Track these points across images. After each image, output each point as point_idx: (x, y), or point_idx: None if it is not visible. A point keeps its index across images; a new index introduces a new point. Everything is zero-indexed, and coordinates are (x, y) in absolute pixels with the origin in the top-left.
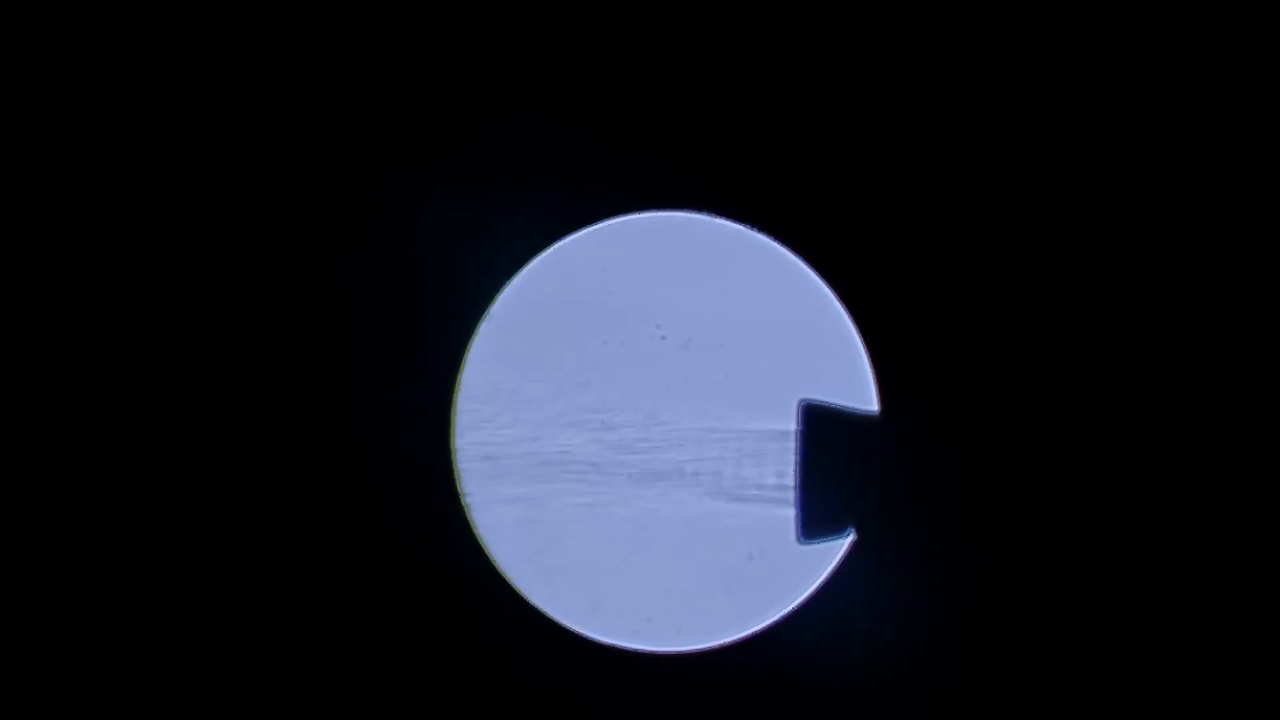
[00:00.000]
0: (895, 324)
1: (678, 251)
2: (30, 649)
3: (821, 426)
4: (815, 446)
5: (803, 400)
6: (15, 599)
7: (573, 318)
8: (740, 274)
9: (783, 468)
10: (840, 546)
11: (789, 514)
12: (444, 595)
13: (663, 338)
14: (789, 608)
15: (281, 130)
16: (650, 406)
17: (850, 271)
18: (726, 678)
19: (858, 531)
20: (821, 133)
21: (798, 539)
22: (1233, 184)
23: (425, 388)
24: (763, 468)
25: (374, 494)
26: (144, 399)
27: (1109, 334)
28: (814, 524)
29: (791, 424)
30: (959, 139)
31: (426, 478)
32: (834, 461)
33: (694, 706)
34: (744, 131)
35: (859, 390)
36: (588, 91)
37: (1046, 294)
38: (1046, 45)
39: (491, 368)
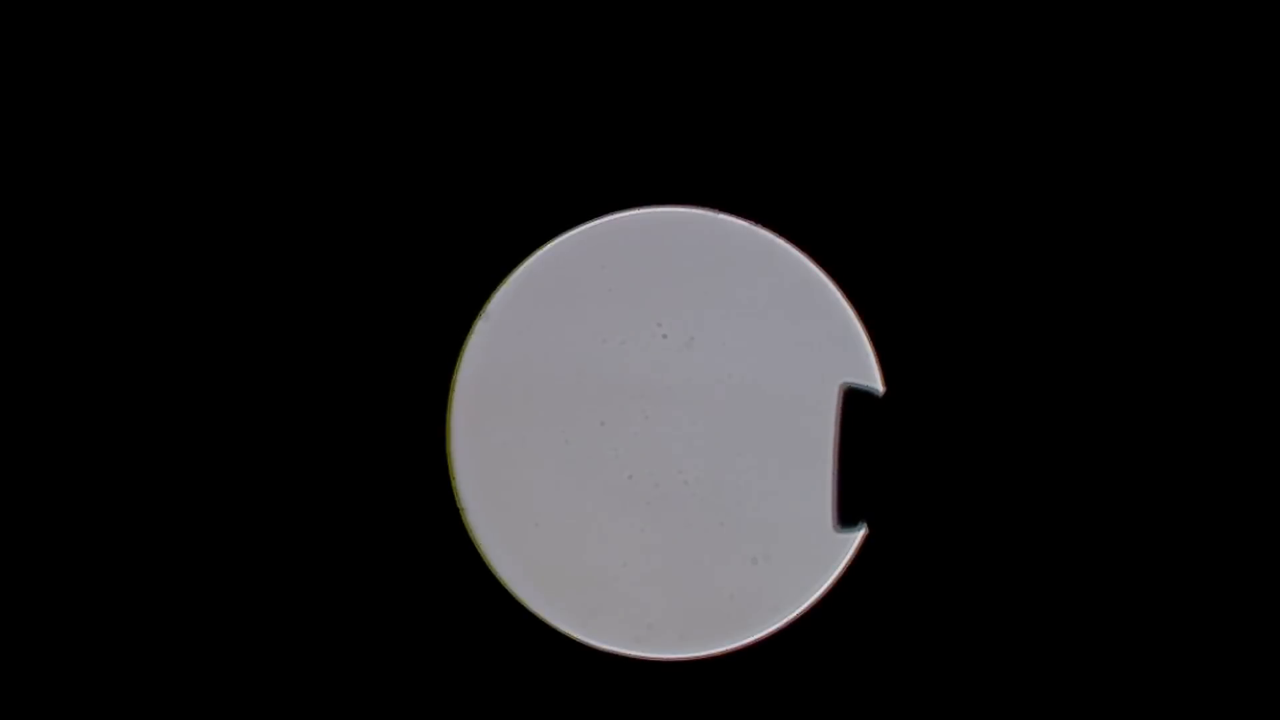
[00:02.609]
0: (900, 319)
1: (679, 248)
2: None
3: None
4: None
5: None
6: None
7: (572, 316)
8: (743, 270)
9: (788, 467)
10: (850, 545)
11: (795, 516)
12: (442, 603)
13: (664, 336)
14: (794, 614)
15: (279, 129)
16: (651, 407)
17: (855, 267)
18: (730, 685)
19: (869, 528)
20: (824, 129)
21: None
22: (1225, 183)
23: (420, 389)
24: (767, 468)
25: (369, 501)
26: (139, 401)
27: (1111, 324)
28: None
29: (795, 423)
30: (960, 135)
31: (422, 483)
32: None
33: (698, 715)
34: (746, 127)
35: (864, 386)
36: (586, 85)
37: (1049, 289)
38: (1046, 45)
39: (488, 368)
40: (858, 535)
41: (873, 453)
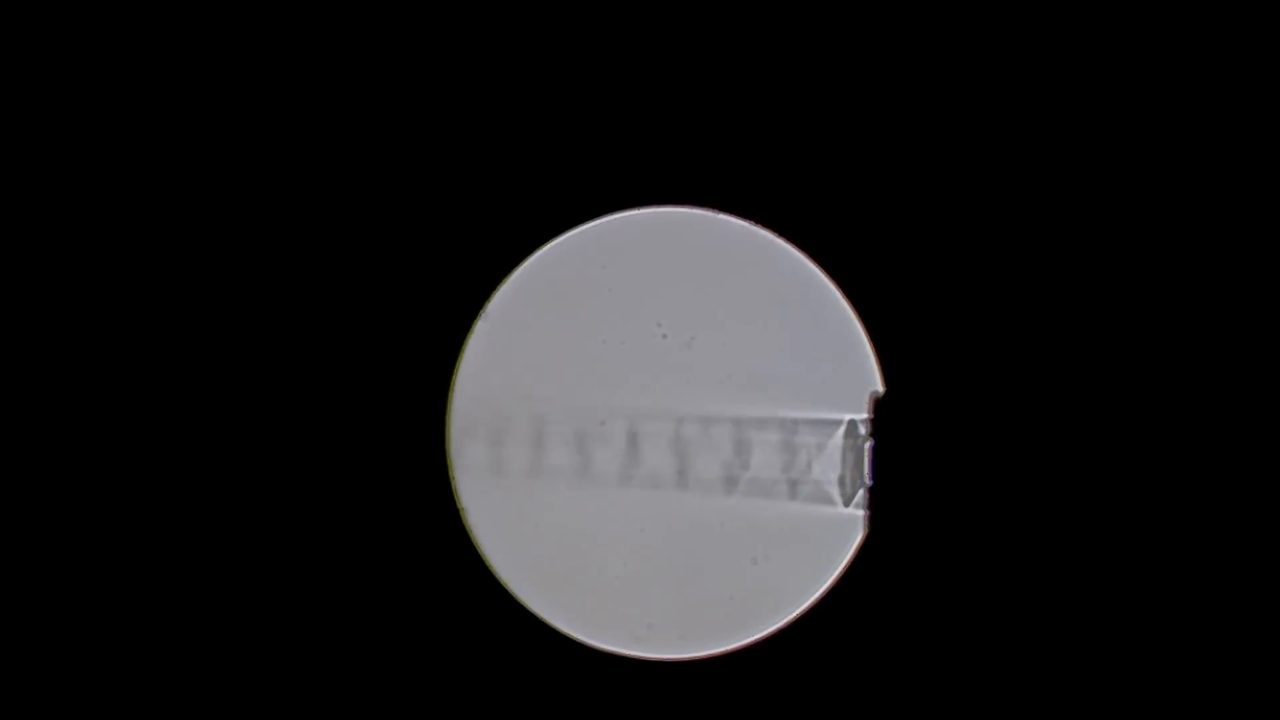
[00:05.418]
0: (900, 319)
1: (680, 248)
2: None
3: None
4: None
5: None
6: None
7: (572, 316)
8: (743, 271)
9: (788, 468)
10: (850, 546)
11: (794, 517)
12: (442, 603)
13: (664, 336)
14: (794, 614)
15: (279, 129)
16: (651, 407)
17: (855, 267)
18: (730, 685)
19: (867, 527)
20: (823, 129)
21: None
22: (1224, 184)
23: (419, 389)
24: (767, 468)
25: (369, 501)
26: (139, 401)
27: (1110, 323)
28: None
29: (796, 423)
30: (959, 135)
31: (421, 484)
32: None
33: (697, 715)
34: (746, 127)
35: (864, 387)
36: (587, 85)
37: (1048, 288)
38: (1044, 45)
39: (488, 368)
40: (857, 535)
41: (875, 450)
